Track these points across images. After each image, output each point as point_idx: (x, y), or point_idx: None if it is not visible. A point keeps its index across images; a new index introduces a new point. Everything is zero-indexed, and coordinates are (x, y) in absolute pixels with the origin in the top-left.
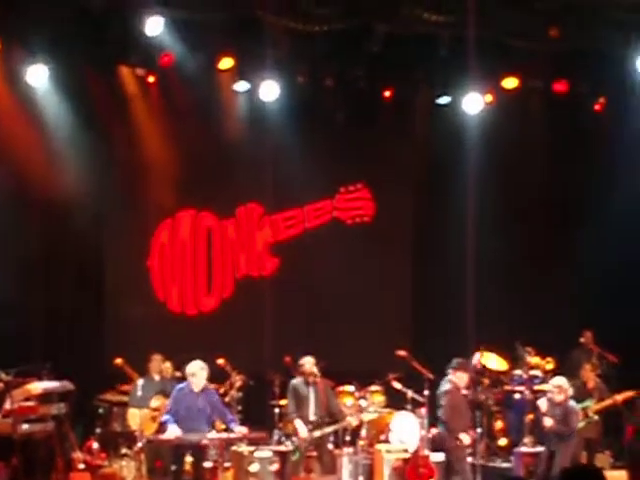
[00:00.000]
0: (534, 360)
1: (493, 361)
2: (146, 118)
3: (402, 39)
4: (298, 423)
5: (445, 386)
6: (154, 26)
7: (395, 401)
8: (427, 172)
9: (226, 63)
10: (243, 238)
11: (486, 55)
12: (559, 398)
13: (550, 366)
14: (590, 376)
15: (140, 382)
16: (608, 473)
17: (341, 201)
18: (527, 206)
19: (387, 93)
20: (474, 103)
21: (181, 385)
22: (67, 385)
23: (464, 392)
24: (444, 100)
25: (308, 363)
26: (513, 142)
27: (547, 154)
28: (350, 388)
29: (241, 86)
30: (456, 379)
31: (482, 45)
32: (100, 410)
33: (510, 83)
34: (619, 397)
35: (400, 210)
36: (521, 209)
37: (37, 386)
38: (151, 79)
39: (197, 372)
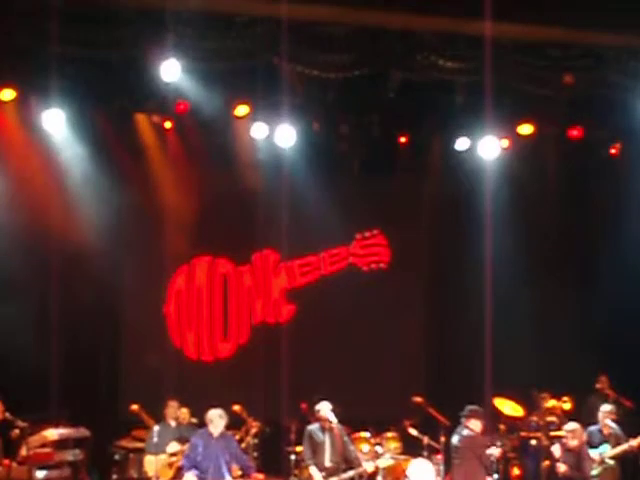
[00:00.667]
0: (550, 403)
1: (509, 407)
2: (162, 164)
3: (418, 85)
4: (313, 470)
5: (462, 432)
6: (170, 73)
7: (411, 447)
8: (444, 218)
9: (242, 110)
10: (259, 284)
11: (501, 102)
12: (573, 443)
13: (567, 406)
14: (606, 421)
15: (156, 428)
16: None
17: (357, 247)
18: (544, 251)
19: (403, 139)
20: (490, 149)
21: (200, 430)
22: (83, 431)
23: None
24: (460, 146)
25: (324, 409)
26: (530, 188)
27: (564, 199)
28: (366, 434)
29: (257, 132)
30: (472, 426)
31: (497, 92)
32: (116, 456)
33: (526, 129)
34: (635, 442)
35: (416, 256)
36: (538, 254)
37: (53, 432)
38: (167, 125)
39: (215, 420)
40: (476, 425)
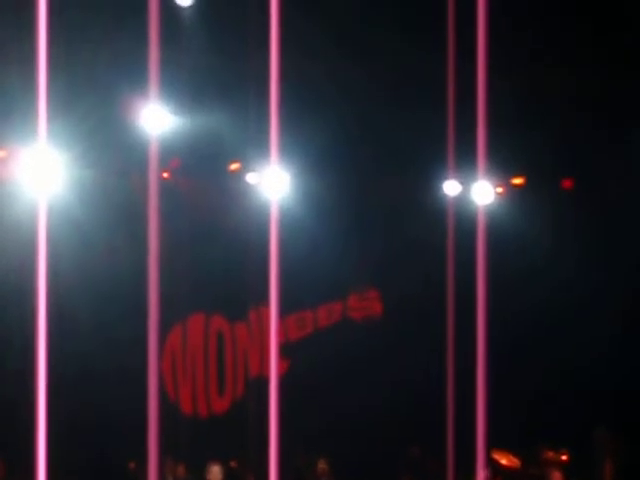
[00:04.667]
0: (549, 454)
1: (506, 459)
2: (153, 219)
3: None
4: None
5: None
6: (159, 130)
7: None
8: (436, 266)
9: (233, 166)
10: (254, 340)
11: (494, 153)
12: None
13: (564, 457)
14: (608, 473)
15: None
16: None
17: (352, 301)
18: (539, 296)
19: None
20: (483, 197)
21: None
22: None
23: None
24: (451, 192)
25: (321, 465)
26: (524, 236)
27: (560, 247)
28: None
29: (250, 186)
30: None
31: (490, 143)
32: None
33: (518, 180)
34: None
35: (410, 307)
36: (533, 299)
37: None
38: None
39: (214, 472)
40: None
